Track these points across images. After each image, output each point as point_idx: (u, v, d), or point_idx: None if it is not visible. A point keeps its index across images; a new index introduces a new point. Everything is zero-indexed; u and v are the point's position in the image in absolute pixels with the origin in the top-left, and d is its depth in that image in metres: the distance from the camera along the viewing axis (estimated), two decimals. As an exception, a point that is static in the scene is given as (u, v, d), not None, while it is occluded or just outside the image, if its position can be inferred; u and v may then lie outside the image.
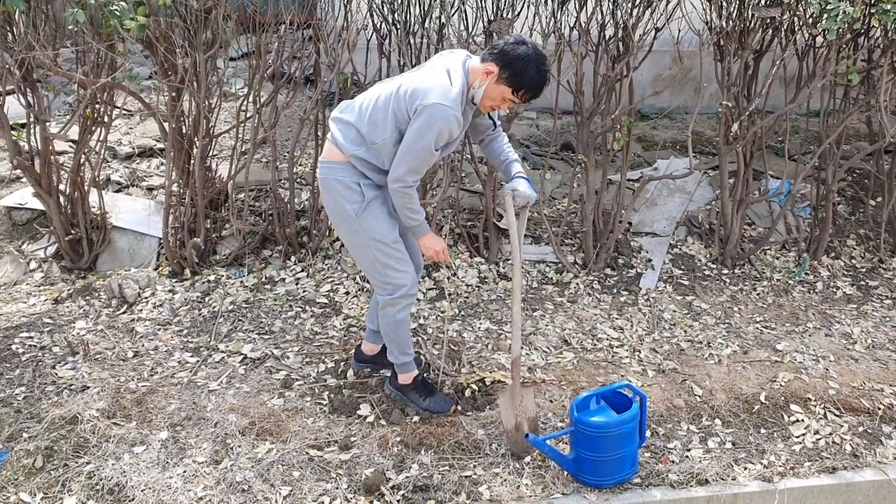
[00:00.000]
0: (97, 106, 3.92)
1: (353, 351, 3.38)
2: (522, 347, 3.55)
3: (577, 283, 4.21)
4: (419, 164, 2.61)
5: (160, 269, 4.10)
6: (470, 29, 4.05)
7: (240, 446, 2.85)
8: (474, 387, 3.22)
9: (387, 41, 4.18)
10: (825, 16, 3.44)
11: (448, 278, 4.18)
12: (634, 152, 6.06)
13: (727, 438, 3.04)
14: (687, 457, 2.93)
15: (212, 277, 4.04)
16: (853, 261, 4.54)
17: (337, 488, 2.69)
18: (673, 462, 2.90)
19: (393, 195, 2.68)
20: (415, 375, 3.06)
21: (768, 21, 4.02)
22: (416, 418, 2.99)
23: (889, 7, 3.44)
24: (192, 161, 4.00)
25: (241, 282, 4.03)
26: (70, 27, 3.40)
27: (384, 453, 2.85)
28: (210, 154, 4.16)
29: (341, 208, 2.74)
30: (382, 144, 2.66)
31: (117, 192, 4.52)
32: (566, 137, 6.12)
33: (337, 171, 2.73)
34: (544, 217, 4.39)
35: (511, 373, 2.88)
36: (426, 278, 4.11)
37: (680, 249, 4.65)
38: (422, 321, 3.73)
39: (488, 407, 3.11)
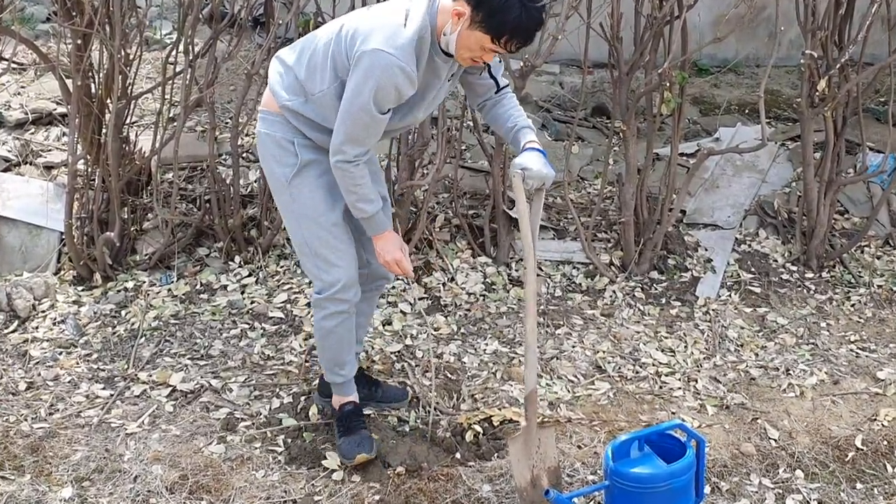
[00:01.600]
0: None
1: (316, 382, 3.36)
2: (540, 377, 3.55)
3: (614, 291, 4.20)
4: (359, 131, 2.62)
5: (62, 273, 4.09)
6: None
7: (167, 508, 2.84)
8: (478, 428, 3.20)
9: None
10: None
11: (444, 284, 4.17)
12: (689, 118, 6.07)
13: (812, 496, 3.04)
14: (759, 520, 2.94)
15: (130, 284, 4.02)
16: (978, 260, 4.56)
17: (295, 564, 2.69)
18: (741, 527, 2.90)
19: (333, 171, 2.70)
20: (344, 402, 3.07)
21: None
22: (399, 469, 2.98)
23: None
24: (104, 130, 3.97)
25: (169, 290, 4.01)
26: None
27: (358, 517, 2.84)
28: (128, 121, 4.13)
29: (272, 171, 2.82)
30: (321, 97, 2.68)
31: (5, 171, 4.51)
32: (599, 99, 6.12)
33: (270, 123, 2.79)
34: (570, 203, 4.39)
35: (525, 411, 2.87)
36: (415, 284, 4.09)
37: (749, 246, 4.65)
38: (409, 341, 3.72)
39: (496, 455, 3.10)
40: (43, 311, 3.82)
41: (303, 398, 3.35)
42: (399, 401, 3.29)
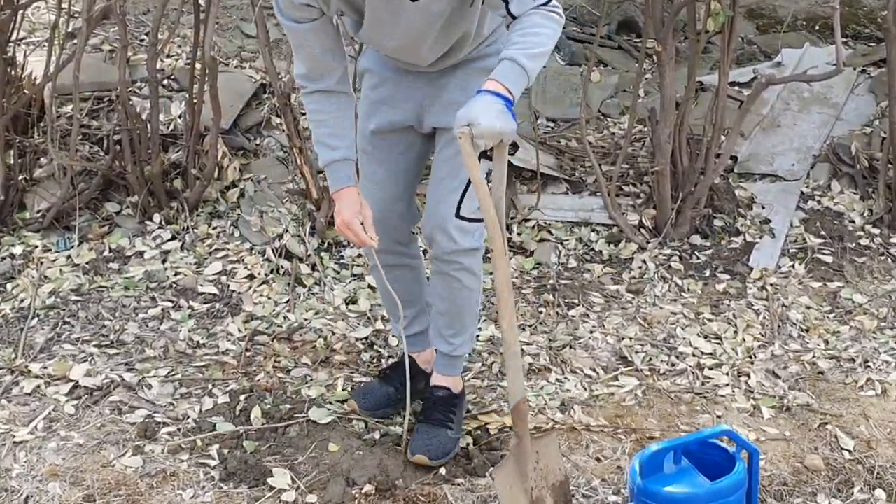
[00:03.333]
0: None
1: (260, 376, 3.38)
2: (552, 370, 3.57)
3: (645, 261, 4.23)
4: (291, 42, 2.89)
5: (-72, 235, 4.07)
6: None
7: (68, 538, 2.84)
8: (468, 437, 3.22)
9: None
10: None
11: (424, 252, 4.17)
12: (743, 36, 6.06)
13: (895, 521, 3.07)
14: (827, 552, 2.96)
15: (17, 250, 4.01)
16: None
17: None
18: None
19: None
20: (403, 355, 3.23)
21: None
22: (367, 488, 3.00)
23: None
24: (-18, 49, 3.95)
25: (69, 257, 4.00)
26: None
27: (315, 549, 2.86)
28: (13, 38, 4.11)
29: None
30: None
31: None
32: (626, 11, 6.11)
33: None
34: (589, 148, 4.39)
35: (514, 428, 2.87)
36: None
37: (819, 203, 4.67)
38: (380, 325, 3.75)
39: (492, 470, 3.08)
40: None
41: (242, 397, 3.35)
42: (411, 453, 3.26)
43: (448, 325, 3.20)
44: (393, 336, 3.61)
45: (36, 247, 4.04)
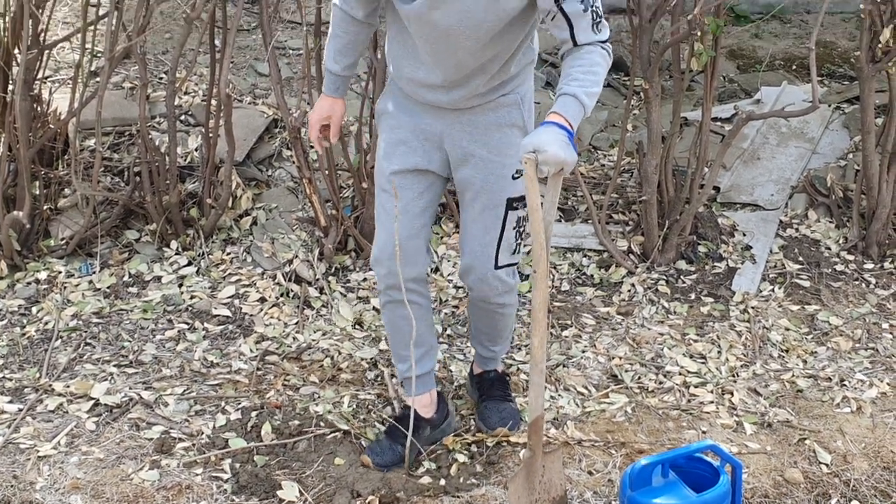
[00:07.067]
0: None
1: (270, 394, 3.37)
2: (546, 388, 3.56)
3: (633, 285, 4.23)
4: None
5: (-42, 261, 4.07)
6: None
7: (88, 547, 2.85)
8: (468, 451, 3.22)
9: None
10: None
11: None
12: (725, 75, 6.09)
13: (871, 531, 3.07)
14: (807, 561, 2.97)
15: (42, 275, 4.02)
16: None
17: None
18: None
19: None
20: (406, 401, 3.26)
21: None
22: (371, 499, 2.99)
23: None
24: (11, 87, 3.95)
25: (91, 282, 4.01)
26: None
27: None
28: (40, 76, 4.12)
29: None
30: None
31: None
32: (616, 51, 6.12)
33: None
34: (581, 178, 4.40)
35: (528, 440, 2.89)
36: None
37: (797, 231, 4.68)
38: (384, 345, 3.74)
39: (490, 481, 3.10)
40: (-65, 308, 3.82)
41: (254, 414, 3.35)
42: (491, 428, 3.32)
43: (489, 339, 3.36)
44: (395, 380, 3.53)
45: (60, 272, 4.05)
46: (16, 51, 3.96)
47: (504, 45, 2.82)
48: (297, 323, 3.88)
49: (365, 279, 4.10)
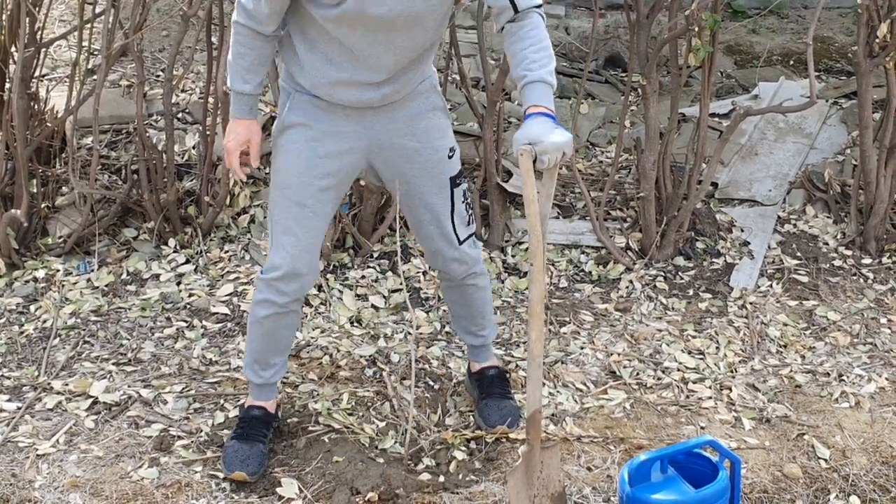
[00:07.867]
0: None
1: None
2: (544, 384, 3.55)
3: (631, 281, 4.22)
4: None
5: (-43, 260, 4.06)
6: None
7: (87, 545, 2.84)
8: (466, 448, 3.22)
9: None
10: None
11: (424, 273, 4.17)
12: (722, 70, 6.09)
13: (870, 526, 3.08)
14: (806, 556, 2.97)
15: (40, 273, 4.02)
16: None
17: None
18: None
19: None
20: (255, 405, 3.18)
21: None
22: (371, 496, 3.00)
23: None
24: (8, 85, 3.95)
25: (89, 280, 4.00)
26: None
27: (321, 555, 2.86)
28: (37, 74, 4.11)
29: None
30: None
31: None
32: (612, 47, 6.13)
33: None
34: (578, 175, 4.39)
35: (526, 434, 2.89)
36: (387, 273, 4.10)
37: (795, 226, 4.67)
38: (383, 342, 3.73)
39: (489, 478, 3.10)
40: (-67, 307, 3.82)
41: (253, 411, 3.35)
42: (491, 426, 3.30)
43: (473, 322, 3.33)
44: (392, 378, 3.52)
45: (58, 270, 4.05)
46: (12, 49, 3.96)
47: (438, 32, 2.82)
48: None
49: (363, 277, 4.09)
